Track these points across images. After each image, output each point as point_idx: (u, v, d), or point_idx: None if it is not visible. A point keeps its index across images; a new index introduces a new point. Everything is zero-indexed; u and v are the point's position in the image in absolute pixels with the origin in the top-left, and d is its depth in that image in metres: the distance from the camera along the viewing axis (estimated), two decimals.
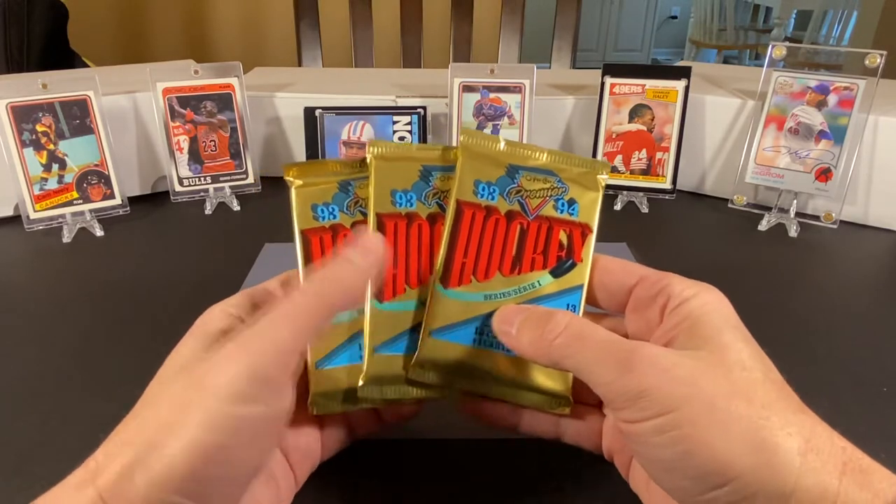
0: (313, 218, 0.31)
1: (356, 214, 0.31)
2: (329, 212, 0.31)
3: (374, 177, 0.31)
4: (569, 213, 0.31)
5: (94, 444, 0.24)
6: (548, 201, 0.31)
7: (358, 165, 0.31)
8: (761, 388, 0.25)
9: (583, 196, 0.31)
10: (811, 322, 0.50)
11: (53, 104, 0.61)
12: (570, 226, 0.31)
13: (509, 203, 0.31)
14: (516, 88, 0.69)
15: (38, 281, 0.55)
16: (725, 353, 0.26)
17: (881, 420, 0.39)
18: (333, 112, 0.69)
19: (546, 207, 0.31)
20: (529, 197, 0.31)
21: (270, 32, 1.90)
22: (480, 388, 0.30)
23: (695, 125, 0.71)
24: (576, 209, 0.31)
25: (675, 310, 0.28)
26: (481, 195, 0.30)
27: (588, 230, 0.31)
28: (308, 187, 0.31)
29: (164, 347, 0.28)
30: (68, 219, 0.63)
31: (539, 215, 0.31)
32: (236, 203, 0.69)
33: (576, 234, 0.31)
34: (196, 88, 0.67)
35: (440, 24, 1.33)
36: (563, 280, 0.31)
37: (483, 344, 0.30)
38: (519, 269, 0.30)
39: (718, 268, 0.58)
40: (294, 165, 0.31)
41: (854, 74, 0.62)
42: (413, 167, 0.31)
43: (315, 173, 0.31)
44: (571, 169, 0.31)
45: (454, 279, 0.30)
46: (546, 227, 0.31)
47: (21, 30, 1.22)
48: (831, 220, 0.65)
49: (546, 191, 0.31)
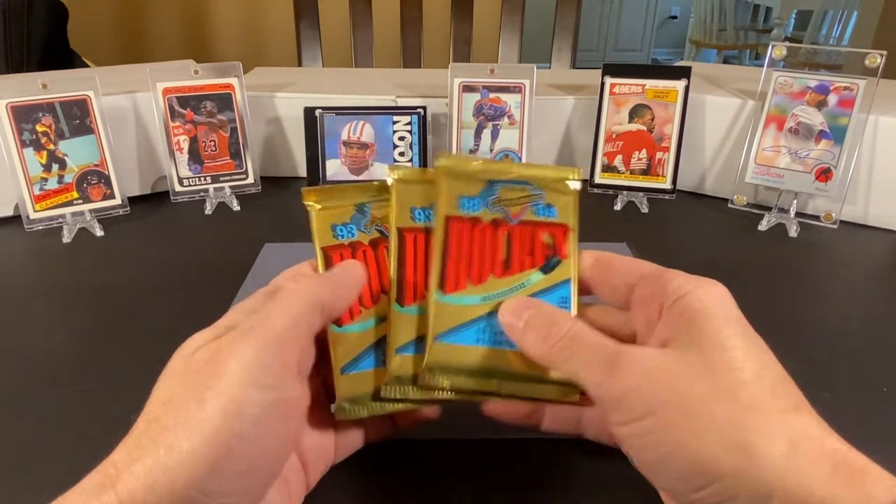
0: (333, 237, 0.33)
1: (373, 233, 0.33)
2: (348, 231, 0.33)
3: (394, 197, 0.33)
4: (548, 216, 0.33)
5: (93, 443, 0.24)
6: (527, 207, 0.33)
7: (375, 190, 0.34)
8: (749, 388, 0.24)
9: (558, 200, 0.34)
10: (811, 322, 0.50)
11: (53, 104, 0.61)
12: (551, 227, 0.33)
13: (493, 212, 0.33)
14: (516, 88, 0.69)
15: (38, 281, 0.55)
16: (716, 353, 0.25)
17: (881, 420, 0.39)
18: (333, 112, 0.69)
19: (526, 213, 0.33)
20: (510, 205, 0.33)
21: (270, 32, 1.90)
22: (489, 387, 0.31)
23: (695, 125, 0.71)
24: (553, 212, 0.33)
25: (672, 306, 0.28)
26: (465, 209, 0.33)
27: (568, 229, 0.33)
28: (327, 210, 0.33)
29: (163, 347, 0.28)
30: (68, 219, 0.63)
31: (522, 220, 0.33)
32: (236, 203, 0.69)
33: (558, 234, 0.33)
34: (196, 88, 0.67)
35: (440, 24, 1.33)
36: (551, 276, 0.32)
37: (487, 342, 0.31)
38: (510, 270, 0.32)
39: (718, 268, 0.58)
40: (313, 191, 0.33)
41: (854, 74, 0.62)
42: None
43: (333, 198, 0.34)
44: (544, 177, 0.34)
45: (450, 285, 0.32)
46: (530, 229, 0.33)
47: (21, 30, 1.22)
48: (831, 220, 0.65)
49: (524, 198, 0.34)
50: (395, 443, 0.36)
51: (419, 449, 0.36)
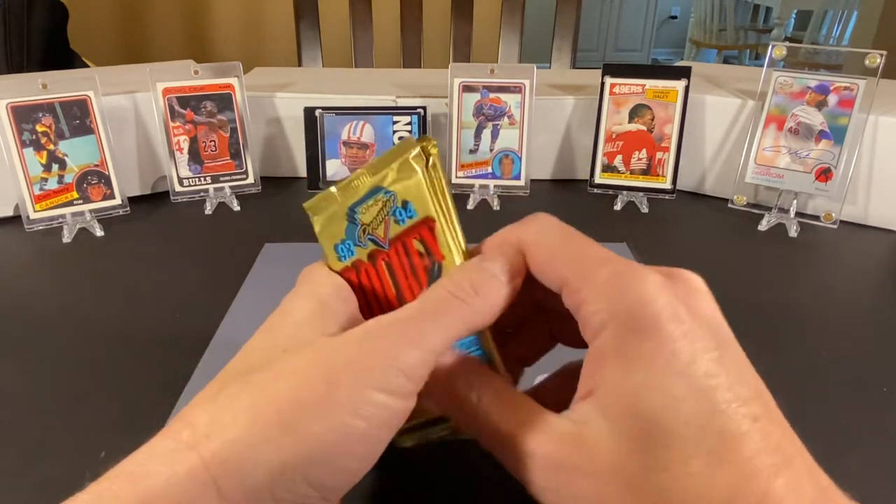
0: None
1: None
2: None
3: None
4: (409, 218, 0.28)
5: (93, 443, 0.24)
6: (388, 220, 0.29)
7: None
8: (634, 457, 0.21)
9: (408, 191, 0.28)
10: (811, 322, 0.50)
11: (53, 104, 0.61)
12: (416, 230, 0.28)
13: (364, 248, 0.29)
14: (516, 88, 0.69)
15: (38, 281, 0.55)
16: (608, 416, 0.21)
17: (881, 420, 0.39)
18: (333, 112, 0.69)
19: (391, 227, 0.29)
20: (374, 229, 0.29)
21: (270, 32, 1.90)
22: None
23: (695, 125, 0.71)
24: (411, 208, 0.28)
25: (589, 339, 0.23)
26: (344, 257, 0.30)
27: (432, 221, 0.28)
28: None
29: (163, 347, 0.28)
30: (68, 219, 0.63)
31: (391, 239, 0.29)
32: (236, 203, 0.69)
33: (425, 234, 0.28)
34: (196, 88, 0.67)
35: (440, 24, 1.33)
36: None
37: None
38: (405, 301, 0.29)
39: (719, 268, 0.58)
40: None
41: (854, 74, 0.62)
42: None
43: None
44: (390, 170, 0.29)
45: None
46: (401, 246, 0.29)
47: (21, 30, 1.22)
48: (831, 220, 0.65)
49: (381, 211, 0.29)
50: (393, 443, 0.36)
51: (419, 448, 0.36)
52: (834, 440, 0.38)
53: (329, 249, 0.30)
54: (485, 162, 0.71)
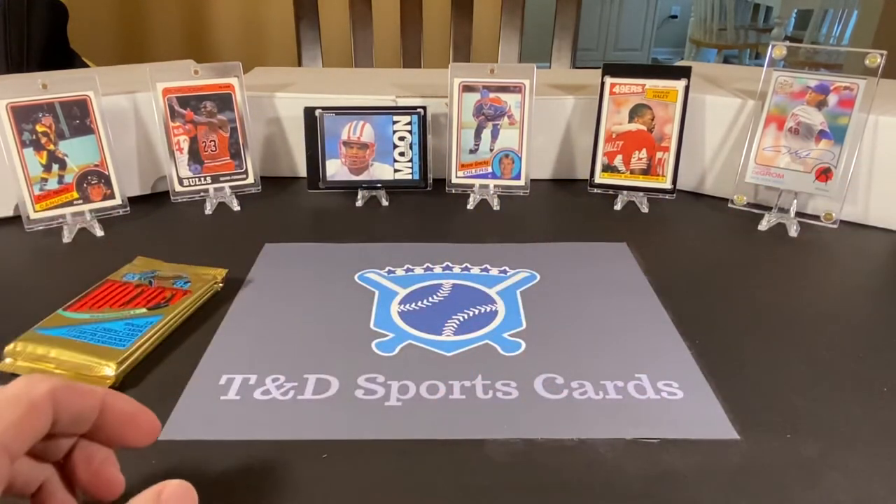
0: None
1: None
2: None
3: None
4: (182, 286, 0.49)
5: None
6: (175, 282, 0.50)
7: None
8: None
9: (200, 288, 0.49)
10: (811, 322, 0.50)
11: (53, 104, 0.61)
12: (180, 291, 0.49)
13: (143, 281, 0.50)
14: (516, 88, 0.69)
15: (38, 281, 0.55)
16: None
17: (881, 420, 0.39)
18: (333, 112, 0.69)
19: (167, 284, 0.50)
20: (159, 279, 0.51)
21: (270, 32, 1.90)
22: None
23: (695, 125, 0.71)
24: (188, 285, 0.50)
25: None
26: (127, 279, 0.51)
27: (189, 292, 0.48)
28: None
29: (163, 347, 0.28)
30: (68, 219, 0.63)
31: (162, 287, 0.49)
32: (236, 203, 0.69)
33: (178, 295, 0.48)
34: (196, 88, 0.67)
35: (440, 24, 1.33)
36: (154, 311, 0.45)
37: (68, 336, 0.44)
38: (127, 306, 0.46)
39: (718, 268, 0.58)
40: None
41: (854, 74, 0.62)
42: None
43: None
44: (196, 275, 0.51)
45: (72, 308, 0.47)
46: (160, 289, 0.49)
47: (21, 30, 1.22)
48: (831, 220, 0.65)
49: (172, 279, 0.50)
50: (393, 442, 0.36)
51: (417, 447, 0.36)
52: (834, 440, 0.38)
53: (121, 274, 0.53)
54: (485, 162, 0.71)
